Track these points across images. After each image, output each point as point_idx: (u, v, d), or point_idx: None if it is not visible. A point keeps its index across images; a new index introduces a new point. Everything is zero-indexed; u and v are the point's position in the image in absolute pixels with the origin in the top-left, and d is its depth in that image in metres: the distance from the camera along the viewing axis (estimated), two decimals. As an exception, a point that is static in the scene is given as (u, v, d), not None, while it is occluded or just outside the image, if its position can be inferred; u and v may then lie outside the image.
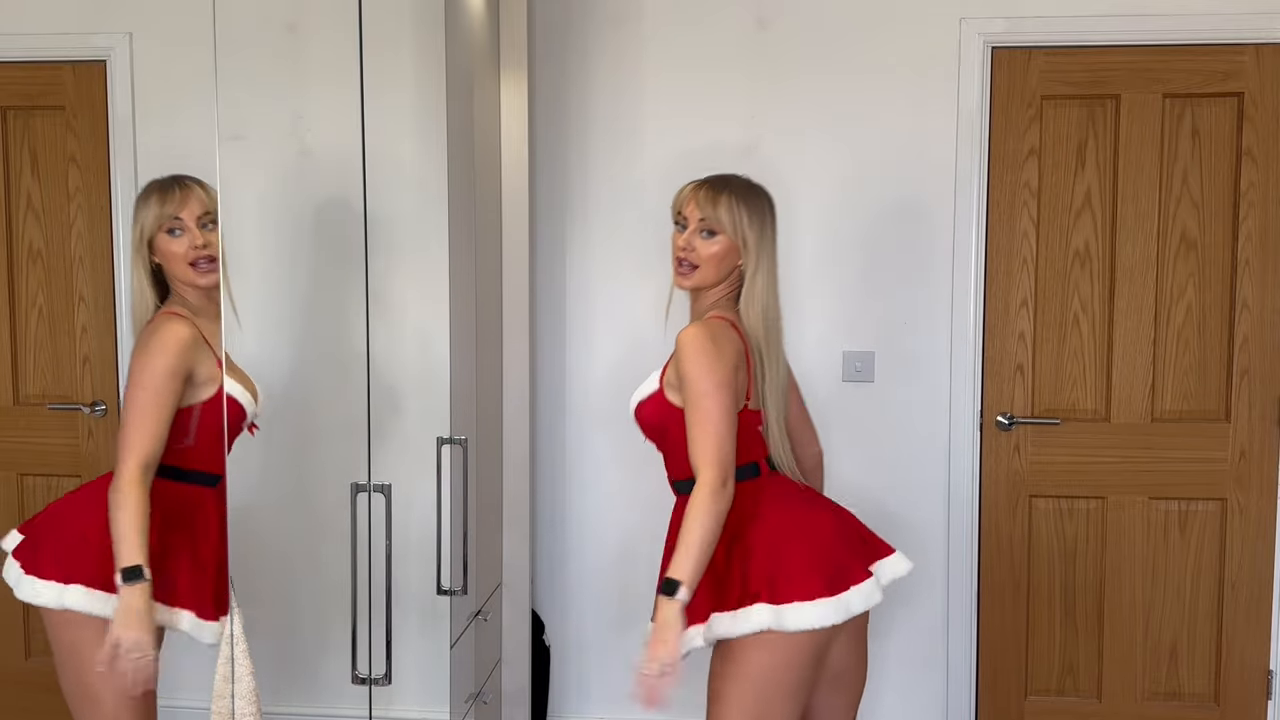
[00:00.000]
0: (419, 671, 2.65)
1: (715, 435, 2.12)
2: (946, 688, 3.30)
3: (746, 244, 2.26)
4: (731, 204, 2.26)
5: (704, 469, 2.12)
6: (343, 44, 2.39)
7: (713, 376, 2.13)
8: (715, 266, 2.27)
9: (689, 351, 2.15)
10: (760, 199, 2.30)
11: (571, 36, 3.27)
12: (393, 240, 2.64)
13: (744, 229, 2.25)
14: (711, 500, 2.10)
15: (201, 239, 2.25)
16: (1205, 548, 3.25)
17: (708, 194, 2.28)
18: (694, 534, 2.10)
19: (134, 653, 2.08)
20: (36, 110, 3.05)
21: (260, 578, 2.73)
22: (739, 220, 2.25)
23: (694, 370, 2.14)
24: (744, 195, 2.28)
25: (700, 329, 2.19)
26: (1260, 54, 3.13)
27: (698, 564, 2.11)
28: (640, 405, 2.31)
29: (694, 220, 2.28)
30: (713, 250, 2.26)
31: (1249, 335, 3.19)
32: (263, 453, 2.91)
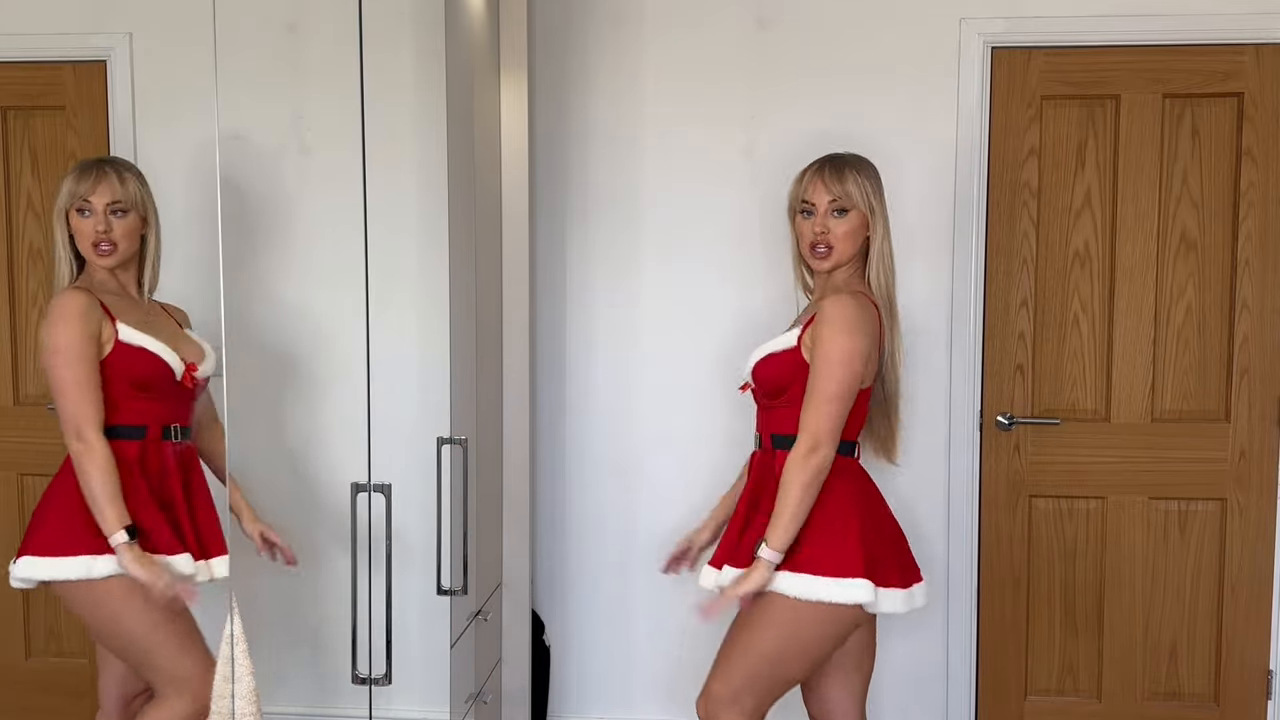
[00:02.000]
0: (419, 671, 2.65)
1: (829, 406, 2.25)
2: (946, 687, 3.30)
3: (874, 213, 2.38)
4: (857, 178, 2.38)
5: (805, 435, 2.26)
6: (343, 44, 2.39)
7: (849, 348, 2.25)
8: (851, 243, 2.38)
9: (835, 319, 2.26)
10: (873, 169, 2.44)
11: (571, 37, 3.27)
12: (393, 239, 2.64)
13: (871, 199, 2.38)
14: (802, 466, 2.24)
15: (105, 224, 2.39)
16: (1205, 548, 3.25)
17: (833, 173, 2.39)
18: (786, 501, 2.25)
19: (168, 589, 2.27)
20: (36, 110, 3.05)
21: (260, 578, 2.73)
22: (866, 192, 2.38)
23: (833, 337, 2.25)
24: (862, 167, 2.41)
25: (850, 300, 2.30)
26: (1260, 54, 3.13)
27: (788, 531, 2.25)
28: (771, 358, 2.40)
29: (823, 203, 2.38)
30: (846, 228, 2.37)
31: (1249, 335, 3.19)
32: (263, 452, 2.91)
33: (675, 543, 2.72)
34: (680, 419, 3.30)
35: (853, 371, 2.26)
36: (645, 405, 3.31)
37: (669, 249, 3.28)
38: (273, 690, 2.39)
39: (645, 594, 3.36)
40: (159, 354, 2.40)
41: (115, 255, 2.42)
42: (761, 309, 3.21)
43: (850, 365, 2.26)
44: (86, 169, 2.42)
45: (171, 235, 3.01)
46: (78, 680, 3.02)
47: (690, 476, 3.28)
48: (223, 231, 2.29)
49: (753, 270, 3.25)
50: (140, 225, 2.47)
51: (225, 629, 2.25)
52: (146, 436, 2.40)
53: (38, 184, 3.02)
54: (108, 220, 2.40)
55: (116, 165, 2.45)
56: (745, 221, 3.25)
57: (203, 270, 2.62)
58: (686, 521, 3.29)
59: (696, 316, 3.27)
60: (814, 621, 2.29)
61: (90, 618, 2.37)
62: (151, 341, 2.40)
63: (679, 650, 3.30)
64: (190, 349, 2.50)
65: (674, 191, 3.27)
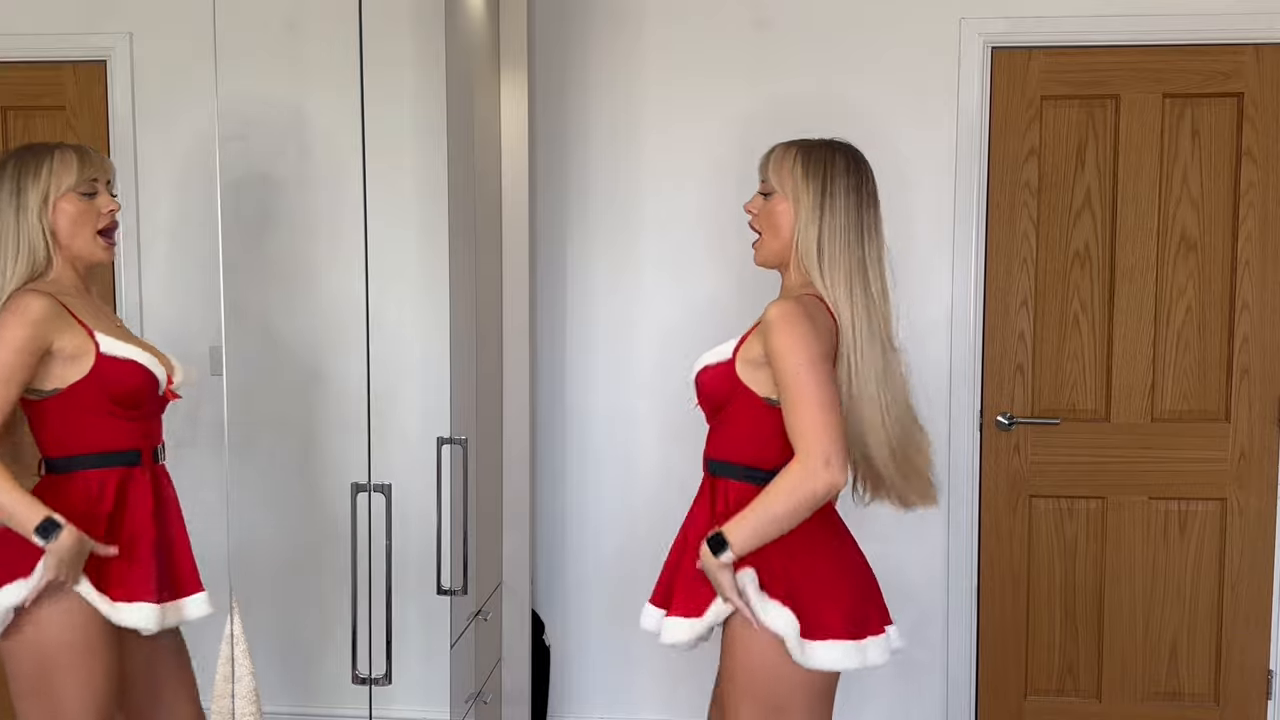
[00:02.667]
0: (419, 671, 2.65)
1: (819, 410, 1.88)
2: (946, 687, 3.30)
3: (799, 201, 2.02)
4: (785, 157, 2.05)
5: (804, 445, 1.89)
6: (343, 44, 2.39)
7: (808, 350, 1.90)
8: (773, 232, 2.07)
9: (780, 325, 1.93)
10: (829, 156, 2.04)
11: (571, 37, 3.27)
12: (393, 239, 2.64)
13: (796, 181, 2.03)
14: (803, 479, 1.88)
15: (114, 203, 2.14)
16: (1205, 548, 3.25)
17: (768, 152, 2.09)
18: (768, 505, 1.92)
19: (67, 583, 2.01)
20: (36, 110, 3.05)
21: (260, 578, 2.73)
22: (790, 172, 2.03)
23: (786, 343, 1.91)
24: (808, 151, 2.05)
25: (792, 303, 1.97)
26: (1260, 54, 3.12)
27: (757, 534, 1.92)
28: (706, 371, 2.10)
29: (759, 183, 2.11)
30: (765, 208, 2.07)
31: (1249, 335, 3.19)
32: (263, 453, 2.91)
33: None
34: (680, 418, 3.29)
35: (821, 372, 1.91)
36: (645, 404, 3.31)
37: (669, 249, 3.28)
38: (273, 690, 2.39)
39: (645, 594, 3.35)
40: (144, 364, 2.10)
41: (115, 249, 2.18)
42: (762, 308, 3.20)
43: (817, 366, 1.90)
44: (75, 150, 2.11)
45: (171, 235, 3.01)
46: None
47: (690, 477, 3.27)
48: (223, 231, 2.29)
49: (753, 270, 3.24)
50: None
51: (225, 629, 2.25)
52: (141, 462, 2.13)
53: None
54: (115, 201, 2.15)
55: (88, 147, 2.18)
56: (745, 221, 3.24)
57: (202, 270, 2.62)
58: (686, 521, 3.30)
59: (696, 316, 3.27)
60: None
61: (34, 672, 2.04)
62: (136, 351, 2.11)
63: (679, 650, 3.30)
64: (160, 355, 2.21)
65: (674, 191, 3.27)
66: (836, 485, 1.90)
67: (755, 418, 2.02)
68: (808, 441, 1.89)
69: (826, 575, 2.00)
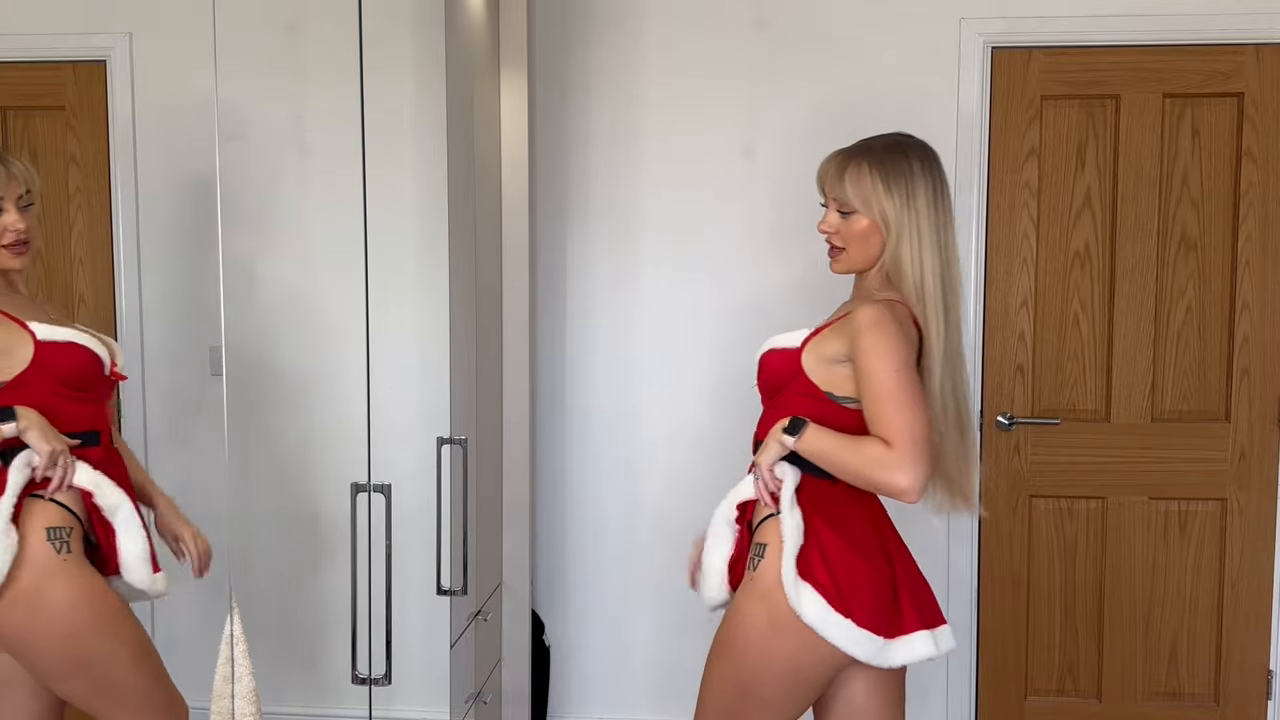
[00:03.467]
0: (419, 671, 2.65)
1: (914, 418, 1.93)
2: (946, 687, 3.30)
3: (886, 218, 2.04)
4: (861, 176, 2.04)
5: (900, 451, 1.92)
6: (343, 44, 2.39)
7: (900, 355, 1.95)
8: (862, 247, 2.07)
9: (874, 329, 1.96)
10: (900, 161, 2.06)
11: (572, 37, 3.27)
12: (393, 239, 2.64)
13: (881, 203, 2.03)
14: (888, 466, 1.92)
15: (22, 220, 2.14)
16: (1205, 548, 3.25)
17: (835, 171, 2.08)
18: (848, 451, 1.96)
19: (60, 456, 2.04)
20: (36, 110, 3.05)
21: (260, 578, 2.73)
22: (868, 195, 2.04)
23: (880, 346, 1.95)
24: (881, 162, 2.05)
25: (885, 309, 1.99)
26: (1260, 54, 3.12)
27: (823, 455, 1.98)
28: (773, 354, 2.13)
29: (830, 199, 2.10)
30: (853, 229, 2.07)
31: (1249, 335, 3.19)
32: (263, 452, 2.91)
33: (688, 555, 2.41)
34: (680, 419, 3.30)
35: (911, 379, 1.95)
36: (645, 405, 3.31)
37: (669, 249, 3.28)
38: (273, 690, 2.39)
39: (645, 594, 3.36)
40: (87, 345, 2.14)
41: (29, 252, 2.19)
42: (762, 309, 3.21)
43: (906, 372, 1.95)
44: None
45: (171, 235, 3.01)
46: None
47: (690, 476, 3.28)
48: (223, 231, 2.29)
49: (753, 270, 3.25)
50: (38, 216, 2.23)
51: (225, 629, 2.25)
52: (102, 442, 2.15)
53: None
54: (23, 216, 2.16)
55: (5, 154, 2.19)
56: (745, 221, 3.25)
57: (202, 270, 2.62)
58: (686, 521, 3.29)
59: (696, 316, 3.27)
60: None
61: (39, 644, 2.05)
62: (74, 333, 2.13)
63: (679, 650, 3.30)
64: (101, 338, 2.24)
65: (673, 191, 3.27)
66: (907, 496, 1.94)
67: (809, 407, 2.05)
68: (904, 449, 1.92)
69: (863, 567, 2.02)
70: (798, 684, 2.05)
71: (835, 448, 1.99)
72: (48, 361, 2.09)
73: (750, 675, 2.05)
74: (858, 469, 1.97)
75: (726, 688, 2.08)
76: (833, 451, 1.99)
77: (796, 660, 2.02)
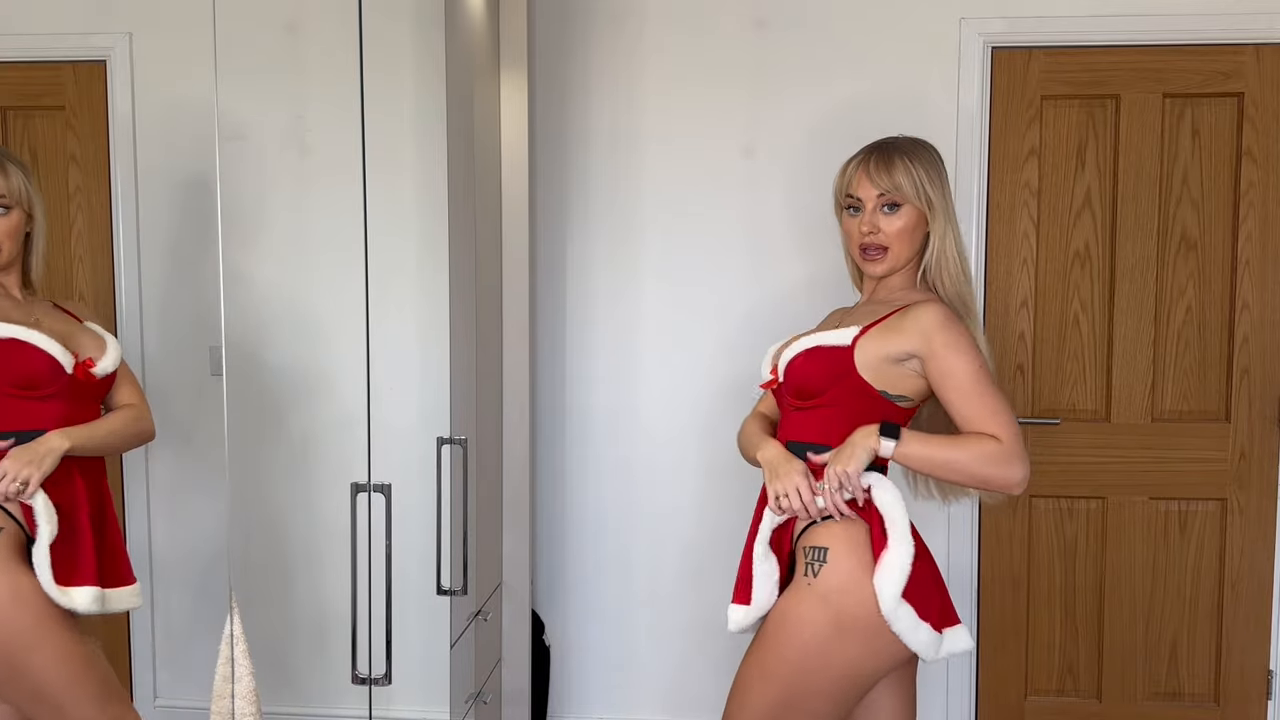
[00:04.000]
0: (419, 671, 2.65)
1: (1005, 406, 1.96)
2: (946, 687, 3.30)
3: (933, 207, 2.07)
4: (910, 166, 2.07)
5: (1003, 435, 1.94)
6: (343, 44, 2.39)
7: (976, 350, 1.98)
8: (907, 243, 2.08)
9: (948, 325, 1.97)
10: (931, 154, 2.12)
11: (572, 37, 3.27)
12: (393, 239, 2.64)
13: (928, 190, 2.06)
14: (1004, 460, 1.92)
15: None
16: (1205, 548, 3.25)
17: (880, 163, 2.08)
18: (957, 450, 1.94)
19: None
20: (36, 110, 3.05)
21: (260, 578, 2.73)
22: (921, 183, 2.06)
23: (958, 341, 1.97)
24: (917, 154, 2.09)
25: (944, 306, 2.03)
26: (1260, 54, 3.12)
27: (928, 461, 1.96)
28: (813, 353, 2.08)
29: (871, 198, 2.08)
30: (899, 225, 2.07)
31: (1249, 335, 3.19)
32: (263, 452, 2.91)
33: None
34: (680, 419, 3.30)
35: (988, 370, 1.99)
36: (645, 405, 3.31)
37: (669, 249, 3.28)
38: (273, 690, 2.39)
39: (645, 594, 3.36)
40: (37, 344, 2.13)
41: (1, 257, 2.19)
42: (763, 309, 3.21)
43: (988, 371, 1.99)
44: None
45: (171, 235, 3.01)
46: None
47: (690, 476, 3.28)
48: (223, 232, 2.29)
49: (753, 270, 3.25)
50: (25, 222, 2.23)
51: (225, 629, 2.25)
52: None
53: (38, 184, 3.02)
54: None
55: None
56: (745, 222, 3.25)
57: (202, 270, 2.62)
58: (686, 521, 3.30)
59: (696, 316, 3.27)
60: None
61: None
62: (24, 331, 2.13)
63: (679, 650, 3.30)
64: (88, 341, 2.27)
65: (674, 192, 3.27)
66: (1018, 488, 1.95)
67: (866, 408, 2.03)
68: (1012, 441, 1.94)
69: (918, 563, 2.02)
70: (849, 691, 2.03)
71: (940, 449, 1.97)
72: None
73: (802, 687, 2.01)
74: (969, 466, 1.95)
75: (768, 706, 2.04)
76: (937, 453, 1.96)
77: (858, 665, 2.00)
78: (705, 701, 3.26)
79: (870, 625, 1.97)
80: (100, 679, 2.15)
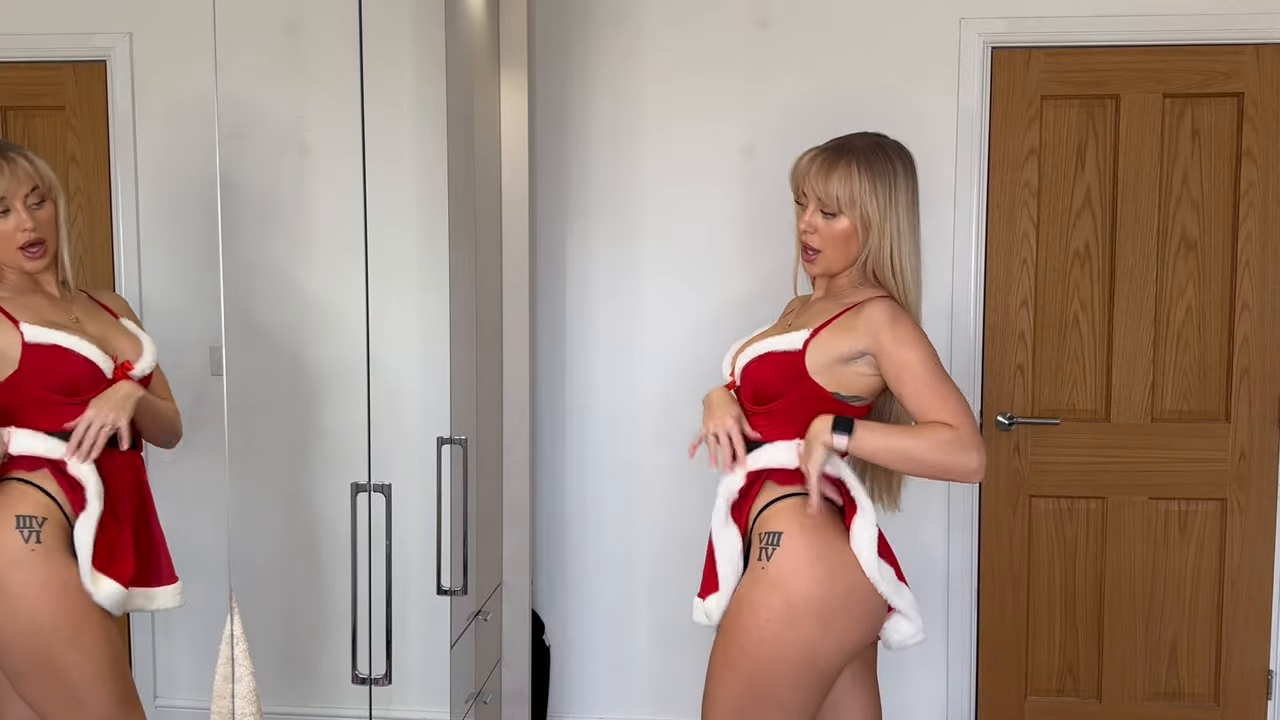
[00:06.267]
0: (419, 671, 2.65)
1: (958, 395, 1.96)
2: (946, 688, 3.30)
3: (868, 220, 2.03)
4: (851, 175, 2.02)
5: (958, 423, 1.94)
6: (343, 44, 2.39)
7: (926, 341, 2.00)
8: (842, 249, 2.06)
9: (896, 320, 1.98)
10: (885, 159, 2.05)
11: (571, 37, 3.27)
12: (393, 239, 2.64)
13: (866, 204, 2.02)
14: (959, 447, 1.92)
15: (31, 221, 2.12)
16: (1205, 548, 3.25)
17: (820, 170, 2.05)
18: (911, 441, 1.95)
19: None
20: (36, 110, 3.05)
21: (260, 578, 2.73)
22: (860, 193, 2.01)
23: (908, 335, 1.98)
24: (869, 161, 2.03)
25: (891, 301, 2.04)
26: (1260, 54, 3.12)
27: (884, 450, 1.96)
28: (764, 360, 2.09)
29: (812, 199, 2.07)
30: (835, 230, 2.05)
31: (1249, 335, 3.19)
32: (263, 453, 2.91)
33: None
34: (680, 419, 3.30)
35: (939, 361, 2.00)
36: (645, 406, 3.31)
37: (669, 249, 3.28)
38: (273, 690, 2.39)
39: (645, 594, 3.36)
40: (78, 350, 2.12)
41: (47, 254, 2.17)
42: (762, 309, 3.20)
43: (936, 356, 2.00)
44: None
45: (171, 235, 3.01)
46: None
47: (690, 477, 3.28)
48: (223, 231, 2.29)
49: (753, 270, 3.25)
50: (55, 213, 2.20)
51: (225, 629, 2.25)
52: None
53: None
54: (32, 216, 2.13)
55: (14, 149, 2.16)
56: (745, 221, 3.25)
57: (202, 270, 2.62)
58: (686, 521, 3.30)
59: (696, 317, 3.27)
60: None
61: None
62: (65, 337, 2.11)
63: (679, 650, 3.30)
64: (125, 343, 2.25)
65: (674, 191, 3.27)
66: (976, 475, 1.95)
67: (821, 411, 2.04)
68: (967, 428, 1.93)
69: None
70: (814, 677, 2.03)
71: (896, 438, 1.97)
72: (34, 365, 2.09)
73: (764, 678, 2.02)
74: (925, 455, 1.94)
75: (735, 698, 2.05)
76: (895, 444, 1.97)
77: (815, 648, 2.00)
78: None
79: (825, 606, 1.99)
80: (124, 684, 2.15)
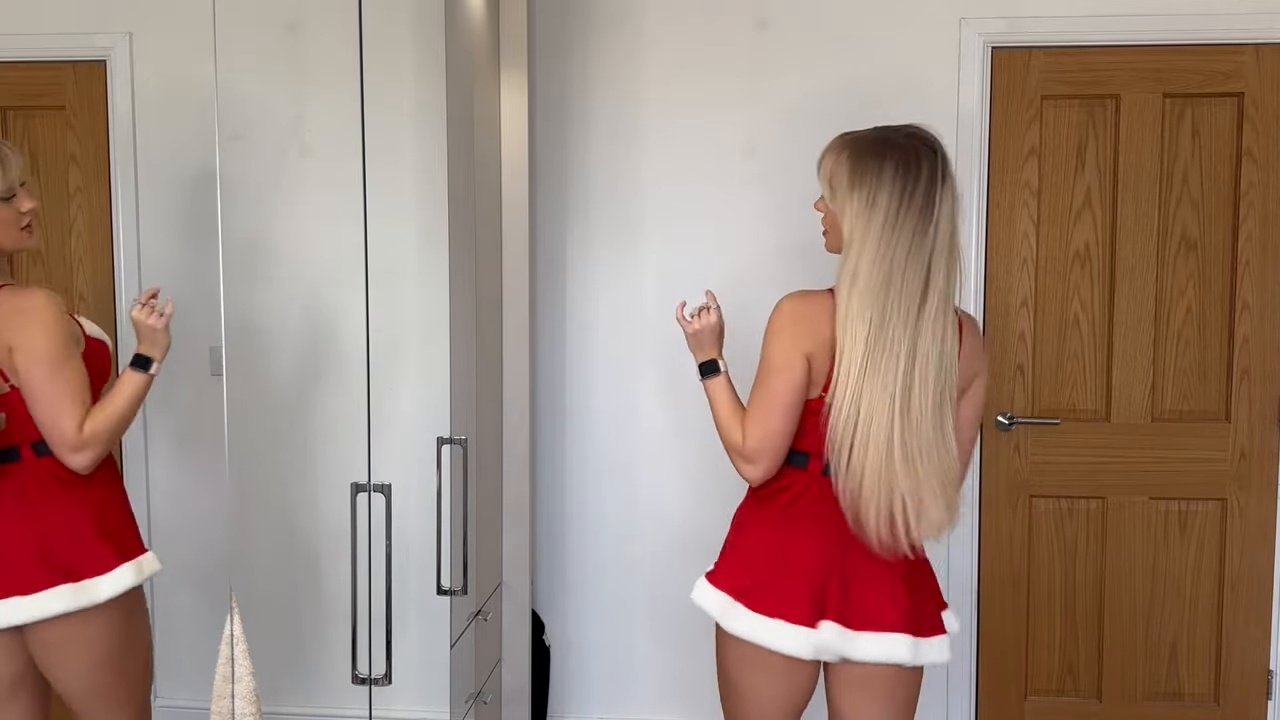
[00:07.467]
0: (419, 671, 2.65)
1: (761, 417, 2.02)
2: (946, 688, 3.30)
3: (842, 217, 1.99)
4: (835, 167, 2.01)
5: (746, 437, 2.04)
6: (343, 44, 2.39)
7: (773, 357, 2.02)
8: (834, 234, 2.05)
9: (773, 312, 2.07)
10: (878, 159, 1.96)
11: (571, 37, 3.27)
12: (393, 239, 2.64)
13: (842, 199, 1.99)
14: (735, 452, 2.07)
15: (29, 203, 2.16)
16: (1205, 548, 3.25)
17: (824, 152, 2.06)
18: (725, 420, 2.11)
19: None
20: (36, 110, 3.05)
21: (260, 578, 2.73)
22: (837, 187, 2.00)
23: (768, 329, 2.07)
24: (858, 156, 1.98)
25: (795, 296, 2.07)
26: (1260, 54, 3.13)
27: (714, 410, 2.15)
28: None
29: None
30: (829, 215, 2.06)
31: (1249, 335, 3.19)
32: (263, 452, 2.91)
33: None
34: (680, 419, 3.30)
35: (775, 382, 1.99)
36: (645, 404, 3.31)
37: (669, 249, 3.28)
38: (273, 690, 2.39)
39: (645, 594, 3.36)
40: (107, 342, 2.23)
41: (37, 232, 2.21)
42: (763, 308, 3.20)
43: (774, 375, 2.00)
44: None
45: (171, 235, 3.01)
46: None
47: (690, 477, 3.28)
48: (223, 231, 2.29)
49: (753, 268, 3.25)
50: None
51: (225, 629, 2.25)
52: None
53: (38, 184, 3.02)
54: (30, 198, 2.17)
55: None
56: (745, 220, 3.25)
57: (202, 270, 2.62)
58: (685, 522, 3.30)
59: (696, 316, 3.27)
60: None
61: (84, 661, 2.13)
62: (99, 330, 2.21)
63: (679, 650, 3.30)
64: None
65: (674, 191, 3.27)
66: (752, 480, 2.08)
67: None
68: (749, 446, 2.04)
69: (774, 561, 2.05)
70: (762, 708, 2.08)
71: (721, 407, 2.14)
72: (92, 358, 2.15)
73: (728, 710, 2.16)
74: (722, 437, 2.12)
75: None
76: (718, 410, 2.15)
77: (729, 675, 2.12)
78: (705, 701, 3.26)
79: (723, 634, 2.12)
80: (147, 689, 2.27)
